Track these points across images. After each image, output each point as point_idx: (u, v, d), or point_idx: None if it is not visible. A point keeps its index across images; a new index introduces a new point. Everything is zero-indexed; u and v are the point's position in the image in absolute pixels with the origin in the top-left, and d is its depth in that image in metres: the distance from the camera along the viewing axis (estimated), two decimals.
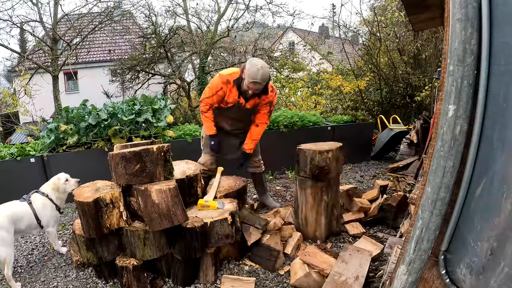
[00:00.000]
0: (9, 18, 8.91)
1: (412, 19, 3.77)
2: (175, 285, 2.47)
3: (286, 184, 4.59)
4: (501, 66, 0.90)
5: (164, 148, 2.38)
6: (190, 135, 4.64)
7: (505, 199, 0.85)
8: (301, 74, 9.84)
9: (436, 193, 1.05)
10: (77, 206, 2.33)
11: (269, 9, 10.55)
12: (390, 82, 7.69)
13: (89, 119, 4.15)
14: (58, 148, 4.26)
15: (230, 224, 2.41)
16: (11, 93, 9.65)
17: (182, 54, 11.58)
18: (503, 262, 0.85)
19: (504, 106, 0.88)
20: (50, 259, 2.92)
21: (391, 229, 3.22)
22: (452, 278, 1.11)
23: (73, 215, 3.91)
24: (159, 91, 11.49)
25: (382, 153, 5.95)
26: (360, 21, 9.10)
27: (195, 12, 11.84)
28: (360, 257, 2.38)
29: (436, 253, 1.17)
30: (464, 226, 1.06)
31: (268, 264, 2.61)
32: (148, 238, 2.33)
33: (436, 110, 1.25)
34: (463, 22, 0.95)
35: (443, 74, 1.06)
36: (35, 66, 9.72)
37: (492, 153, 0.92)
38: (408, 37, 7.75)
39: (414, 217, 1.17)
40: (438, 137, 1.03)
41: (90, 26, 10.02)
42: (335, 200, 2.98)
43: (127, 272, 2.32)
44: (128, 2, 15.83)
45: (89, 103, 4.58)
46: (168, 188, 2.23)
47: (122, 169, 2.30)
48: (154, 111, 4.49)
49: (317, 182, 2.82)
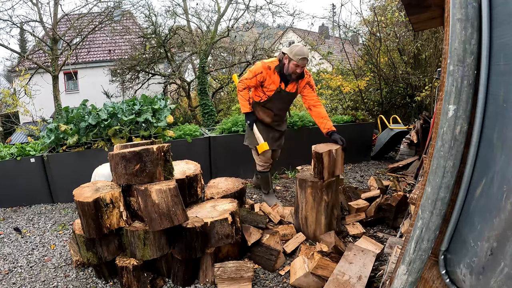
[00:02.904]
0: (9, 18, 8.93)
1: (412, 19, 3.77)
2: (175, 285, 2.47)
3: (286, 184, 4.59)
4: (501, 66, 0.90)
5: (164, 148, 2.38)
6: (190, 135, 4.64)
7: (505, 199, 0.84)
8: None
9: (436, 193, 1.05)
10: (77, 206, 2.33)
11: (269, 9, 10.57)
12: (390, 82, 7.68)
13: (89, 119, 4.15)
14: (58, 148, 4.26)
15: (230, 224, 2.41)
16: (11, 93, 9.65)
17: (182, 54, 11.59)
18: (503, 262, 0.85)
19: (504, 106, 0.87)
20: (50, 259, 2.92)
21: (391, 229, 3.22)
22: (452, 278, 1.11)
23: (73, 215, 3.91)
24: (159, 91, 11.51)
25: (382, 153, 5.94)
26: (360, 21, 9.10)
27: (195, 12, 11.86)
28: (364, 257, 2.38)
29: (436, 253, 1.17)
30: (464, 226, 1.06)
31: (268, 264, 2.61)
32: (148, 238, 2.33)
33: (436, 110, 1.25)
34: (463, 22, 0.95)
35: (443, 74, 1.06)
36: (35, 66, 9.73)
37: (492, 153, 0.92)
38: (408, 37, 7.75)
39: (414, 217, 1.17)
40: (438, 137, 1.03)
41: (90, 26, 10.02)
42: (335, 200, 2.97)
43: (127, 272, 2.32)
44: (128, 2, 15.87)
45: (89, 103, 4.58)
46: (168, 188, 2.23)
47: (122, 169, 2.30)
48: (154, 111, 4.49)
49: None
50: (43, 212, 4.04)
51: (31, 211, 4.06)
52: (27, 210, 4.09)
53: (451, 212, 1.09)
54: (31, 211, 4.05)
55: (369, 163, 5.72)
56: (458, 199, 1.06)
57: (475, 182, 1.01)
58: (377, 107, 7.92)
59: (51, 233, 3.45)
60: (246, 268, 2.37)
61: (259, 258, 2.66)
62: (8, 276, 2.66)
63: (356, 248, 2.49)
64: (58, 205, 4.26)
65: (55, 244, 3.19)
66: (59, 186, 4.24)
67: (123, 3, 10.47)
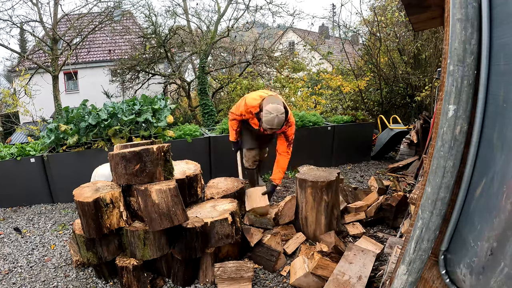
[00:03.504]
0: (9, 18, 8.91)
1: (412, 19, 3.77)
2: (175, 285, 2.47)
3: (286, 184, 4.59)
4: (501, 66, 0.90)
5: (164, 148, 2.38)
6: (190, 135, 4.64)
7: (505, 199, 0.84)
8: (301, 74, 9.83)
9: (436, 193, 1.05)
10: (77, 206, 2.33)
11: (269, 9, 10.57)
12: (390, 82, 7.68)
13: (89, 119, 4.15)
14: (58, 148, 4.26)
15: (230, 224, 2.41)
16: (11, 93, 9.65)
17: (182, 54, 11.58)
18: (503, 262, 0.84)
19: (504, 106, 0.87)
20: (50, 259, 2.92)
21: (391, 229, 3.22)
22: (452, 278, 1.11)
23: (73, 215, 3.91)
24: (159, 91, 11.50)
25: (382, 153, 5.95)
26: (360, 21, 9.10)
27: (195, 12, 11.86)
28: (364, 257, 2.38)
29: (436, 253, 1.17)
30: (464, 226, 1.06)
31: (268, 265, 2.61)
32: (148, 238, 2.33)
33: (436, 110, 1.25)
34: (463, 22, 0.95)
35: (443, 74, 1.05)
36: (35, 66, 9.72)
37: (492, 153, 0.92)
38: (408, 37, 7.75)
39: (414, 217, 1.17)
40: (438, 137, 1.03)
41: (90, 26, 10.01)
42: (335, 200, 2.97)
43: (127, 272, 2.32)
44: (128, 2, 15.87)
45: (89, 103, 4.58)
46: (168, 188, 2.23)
47: (122, 169, 2.30)
48: (154, 111, 4.49)
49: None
50: (43, 212, 4.04)
51: (31, 211, 4.05)
52: (27, 210, 4.09)
53: (451, 212, 1.09)
54: (31, 211, 4.05)
55: (369, 163, 5.72)
56: (458, 199, 1.06)
57: (475, 182, 1.01)
58: (377, 107, 7.92)
59: (51, 233, 3.45)
60: (246, 268, 2.37)
61: (260, 258, 2.66)
62: (8, 276, 2.66)
63: (356, 248, 2.49)
64: (58, 205, 4.26)
65: (55, 244, 3.19)
66: (59, 186, 4.24)
67: (123, 3, 10.46)
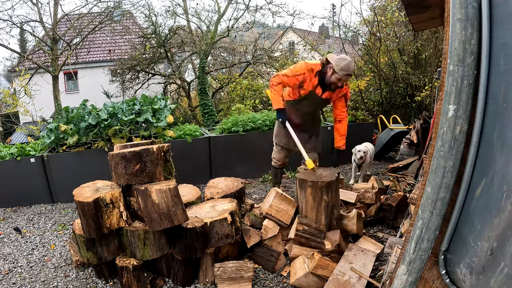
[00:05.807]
0: (9, 18, 8.92)
1: (412, 19, 3.77)
2: (175, 285, 2.47)
3: (286, 184, 4.59)
4: (501, 66, 0.90)
5: (164, 148, 2.38)
6: (190, 135, 4.64)
7: (505, 199, 0.84)
8: None
9: (436, 193, 1.05)
10: (77, 206, 2.33)
11: (269, 9, 10.53)
12: (390, 82, 7.68)
13: (89, 119, 4.15)
14: (58, 148, 4.26)
15: (229, 223, 2.41)
16: (11, 93, 9.65)
17: (182, 54, 11.58)
18: (503, 262, 0.84)
19: (504, 106, 0.87)
20: (50, 259, 2.92)
21: (391, 229, 3.22)
22: (452, 278, 1.11)
23: (73, 215, 3.91)
24: (159, 91, 11.50)
25: (382, 153, 5.94)
26: (360, 21, 9.10)
27: (195, 12, 11.84)
28: (364, 257, 2.38)
29: (436, 253, 1.17)
30: (464, 226, 1.06)
31: (268, 265, 2.61)
32: (148, 238, 2.33)
33: (436, 110, 1.25)
34: (463, 22, 0.95)
35: (443, 74, 1.06)
36: (35, 66, 9.72)
37: (492, 153, 0.92)
38: (408, 37, 7.75)
39: (414, 217, 1.17)
40: (438, 137, 1.03)
41: (90, 26, 10.01)
42: (335, 200, 2.97)
43: (127, 272, 2.32)
44: (128, 2, 15.87)
45: (89, 103, 4.58)
46: (168, 188, 2.23)
47: (122, 169, 2.30)
48: (154, 111, 4.49)
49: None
50: (43, 212, 4.04)
51: (31, 211, 4.05)
52: (27, 210, 4.09)
53: (451, 212, 1.09)
54: (31, 211, 4.05)
55: None
56: (458, 199, 1.06)
57: (475, 182, 1.01)
58: (377, 107, 7.92)
59: (51, 233, 3.45)
60: (246, 268, 2.37)
61: (260, 258, 2.66)
62: (8, 276, 2.66)
63: (356, 248, 2.49)
64: (58, 205, 4.26)
65: (55, 244, 3.19)
66: (59, 186, 4.24)
67: (123, 3, 10.47)
